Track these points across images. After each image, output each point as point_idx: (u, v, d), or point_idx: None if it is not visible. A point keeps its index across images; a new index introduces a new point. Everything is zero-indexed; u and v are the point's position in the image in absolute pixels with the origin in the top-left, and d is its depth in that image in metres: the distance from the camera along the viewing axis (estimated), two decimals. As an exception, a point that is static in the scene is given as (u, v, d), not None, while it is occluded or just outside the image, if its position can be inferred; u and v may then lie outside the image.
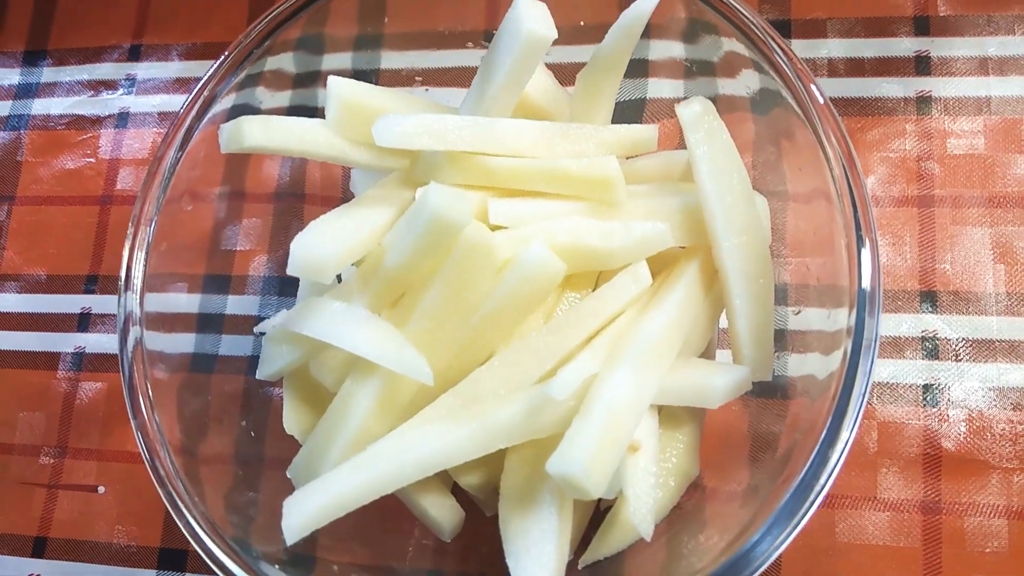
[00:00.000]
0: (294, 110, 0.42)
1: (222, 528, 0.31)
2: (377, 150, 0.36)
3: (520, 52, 0.33)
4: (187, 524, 0.30)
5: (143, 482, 0.46)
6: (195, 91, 0.36)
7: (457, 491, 0.37)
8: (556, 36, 0.33)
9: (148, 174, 0.36)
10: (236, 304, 0.44)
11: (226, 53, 0.37)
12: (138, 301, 0.34)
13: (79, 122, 0.54)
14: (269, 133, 0.34)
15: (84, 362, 0.49)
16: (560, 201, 0.34)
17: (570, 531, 0.32)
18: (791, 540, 0.29)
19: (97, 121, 0.54)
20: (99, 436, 0.48)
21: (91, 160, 0.53)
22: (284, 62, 0.40)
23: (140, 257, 0.35)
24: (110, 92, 0.54)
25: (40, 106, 0.55)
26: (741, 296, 0.33)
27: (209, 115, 0.36)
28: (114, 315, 0.49)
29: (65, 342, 0.50)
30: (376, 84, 0.37)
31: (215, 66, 0.37)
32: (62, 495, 0.48)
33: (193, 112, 0.36)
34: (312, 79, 0.42)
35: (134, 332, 0.34)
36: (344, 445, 0.33)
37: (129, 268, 0.35)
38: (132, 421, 0.32)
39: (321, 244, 0.32)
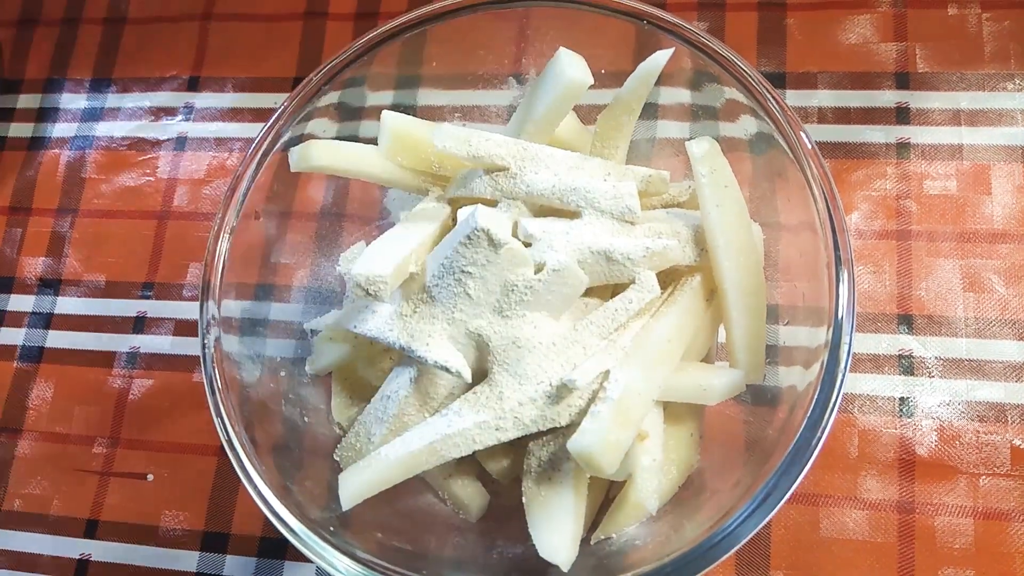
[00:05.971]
0: (341, 139, 0.47)
1: (282, 497, 0.35)
2: (421, 173, 0.41)
3: (560, 93, 0.37)
4: (257, 490, 0.34)
5: (189, 470, 0.50)
6: (271, 122, 0.41)
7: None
8: (592, 83, 0.37)
9: (226, 195, 0.40)
10: (280, 311, 0.48)
11: (296, 91, 0.41)
12: (217, 304, 0.38)
13: (140, 144, 0.58)
14: (332, 155, 0.39)
15: (138, 361, 0.53)
16: (583, 220, 0.38)
17: (584, 509, 0.36)
18: (765, 522, 0.32)
19: (157, 144, 0.58)
20: (149, 428, 0.51)
21: (150, 179, 0.57)
22: (334, 98, 0.44)
23: (220, 264, 0.39)
24: (169, 118, 0.58)
25: (104, 128, 0.59)
26: (737, 309, 0.37)
27: (280, 143, 0.41)
28: (167, 319, 0.54)
29: (121, 343, 0.54)
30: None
31: (286, 103, 0.41)
32: (113, 482, 0.51)
33: (268, 139, 0.40)
34: (357, 114, 0.46)
35: (214, 331, 0.38)
36: (386, 431, 0.37)
37: (209, 277, 0.39)
38: (209, 399, 0.36)
39: (378, 266, 0.35)
